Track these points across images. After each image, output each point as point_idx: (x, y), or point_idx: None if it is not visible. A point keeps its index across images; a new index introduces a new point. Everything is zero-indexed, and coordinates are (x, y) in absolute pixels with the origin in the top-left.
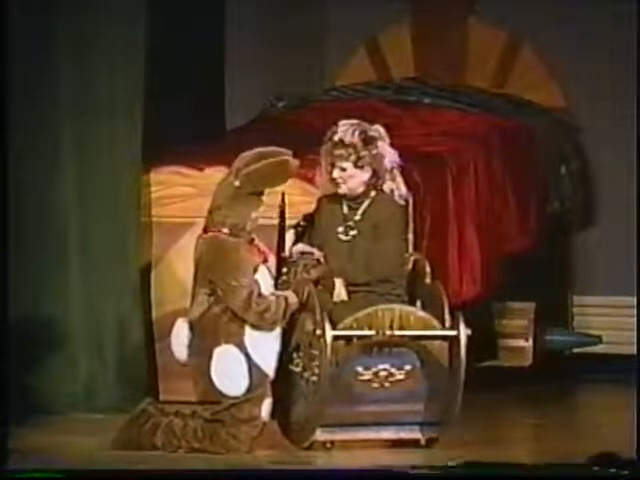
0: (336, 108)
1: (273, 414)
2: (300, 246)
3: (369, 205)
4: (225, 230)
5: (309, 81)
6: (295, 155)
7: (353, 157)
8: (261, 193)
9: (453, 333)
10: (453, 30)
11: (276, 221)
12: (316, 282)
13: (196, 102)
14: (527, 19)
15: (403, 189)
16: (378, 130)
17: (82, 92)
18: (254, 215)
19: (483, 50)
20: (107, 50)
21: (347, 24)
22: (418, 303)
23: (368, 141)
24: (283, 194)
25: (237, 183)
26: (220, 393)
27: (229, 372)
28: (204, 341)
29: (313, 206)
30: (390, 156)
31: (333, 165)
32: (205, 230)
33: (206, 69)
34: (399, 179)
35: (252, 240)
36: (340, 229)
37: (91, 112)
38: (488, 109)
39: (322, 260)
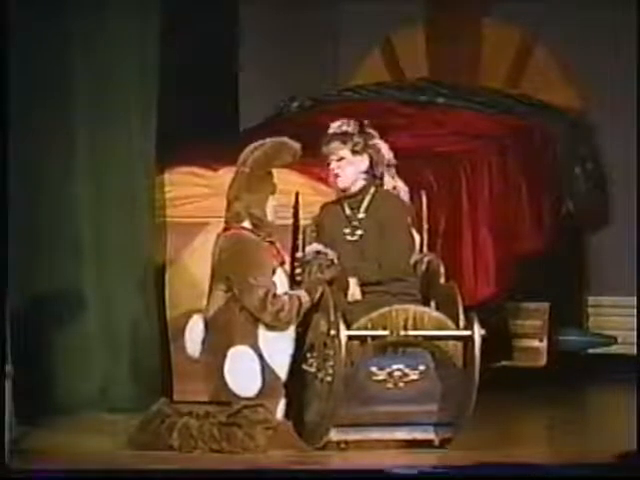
0: (350, 108)
1: (287, 414)
2: (315, 245)
3: (370, 202)
4: (246, 224)
5: (323, 82)
6: (309, 155)
7: (349, 144)
8: (271, 175)
9: (467, 333)
10: (467, 30)
11: (290, 221)
12: (330, 282)
13: (210, 102)
14: (541, 20)
15: (403, 186)
16: (372, 130)
17: (97, 93)
18: (272, 202)
19: (497, 50)
20: (121, 50)
21: (361, 24)
22: (432, 303)
23: (363, 131)
24: (297, 194)
25: (247, 169)
26: (232, 394)
27: (242, 373)
28: (218, 340)
29: (317, 216)
30: (386, 151)
31: (330, 162)
32: (226, 228)
33: (220, 69)
34: (397, 177)
35: (272, 241)
36: (346, 230)
37: (106, 113)
38: (502, 109)
39: (336, 260)
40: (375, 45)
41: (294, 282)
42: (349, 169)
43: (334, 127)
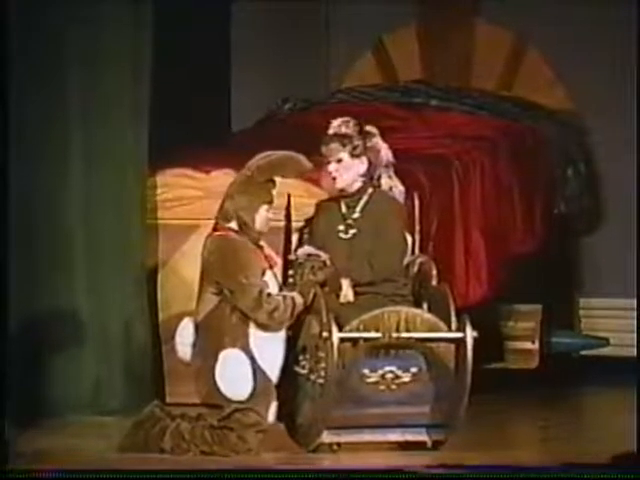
0: (342, 110)
1: (280, 416)
2: (306, 248)
3: (367, 202)
4: (233, 225)
5: (315, 83)
6: None
7: (349, 147)
8: (272, 183)
9: (459, 335)
10: (459, 32)
11: (282, 223)
12: (322, 284)
13: (202, 104)
14: (533, 21)
15: (401, 186)
16: (373, 128)
17: (89, 94)
18: (263, 212)
19: (490, 52)
20: (114, 52)
21: (353, 26)
22: (424, 305)
23: (363, 133)
24: (289, 196)
25: (249, 173)
26: (224, 397)
27: (234, 376)
28: (209, 343)
29: (311, 216)
30: (385, 151)
31: (329, 162)
32: (214, 229)
33: (212, 71)
34: (395, 177)
35: (260, 246)
36: (340, 227)
37: (98, 114)
38: (495, 111)
39: (328, 262)
40: (368, 47)
41: (285, 285)
42: (347, 172)
43: (334, 127)
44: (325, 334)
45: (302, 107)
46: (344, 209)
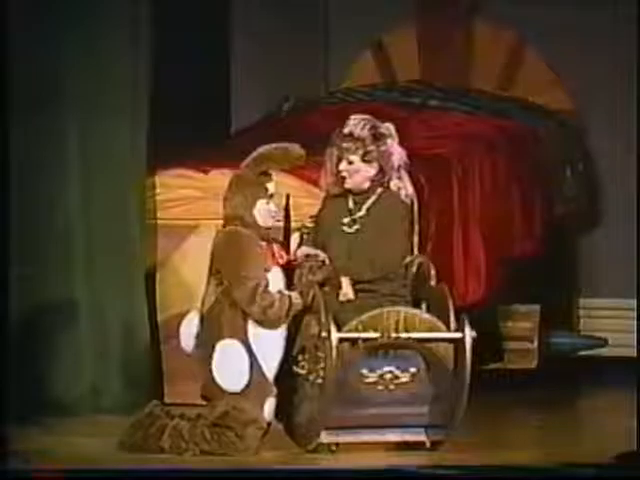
0: (341, 110)
1: (278, 416)
2: (304, 249)
3: (375, 202)
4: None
5: (315, 83)
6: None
7: (361, 151)
8: (266, 176)
9: (458, 336)
10: (458, 32)
11: (281, 223)
12: (322, 284)
13: (201, 104)
14: (532, 21)
15: (410, 188)
16: (389, 128)
17: (87, 94)
18: (262, 207)
19: (489, 52)
20: (112, 53)
21: (352, 26)
22: (423, 305)
23: (377, 137)
24: (288, 196)
25: (239, 171)
26: (219, 387)
27: (229, 366)
28: (209, 334)
29: (318, 208)
30: (398, 154)
31: (340, 159)
32: (224, 226)
33: (211, 71)
34: (406, 178)
35: (269, 241)
36: (345, 220)
37: (96, 114)
38: (493, 111)
39: (327, 261)
40: (367, 47)
41: (291, 283)
42: (356, 175)
43: (350, 125)
44: (324, 334)
45: (301, 107)
46: (351, 204)
